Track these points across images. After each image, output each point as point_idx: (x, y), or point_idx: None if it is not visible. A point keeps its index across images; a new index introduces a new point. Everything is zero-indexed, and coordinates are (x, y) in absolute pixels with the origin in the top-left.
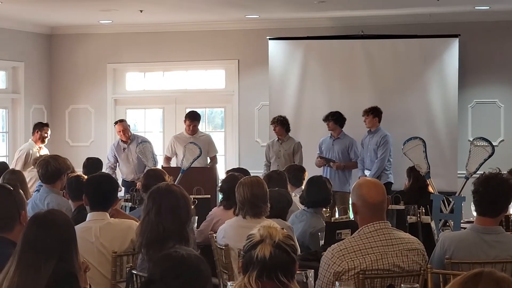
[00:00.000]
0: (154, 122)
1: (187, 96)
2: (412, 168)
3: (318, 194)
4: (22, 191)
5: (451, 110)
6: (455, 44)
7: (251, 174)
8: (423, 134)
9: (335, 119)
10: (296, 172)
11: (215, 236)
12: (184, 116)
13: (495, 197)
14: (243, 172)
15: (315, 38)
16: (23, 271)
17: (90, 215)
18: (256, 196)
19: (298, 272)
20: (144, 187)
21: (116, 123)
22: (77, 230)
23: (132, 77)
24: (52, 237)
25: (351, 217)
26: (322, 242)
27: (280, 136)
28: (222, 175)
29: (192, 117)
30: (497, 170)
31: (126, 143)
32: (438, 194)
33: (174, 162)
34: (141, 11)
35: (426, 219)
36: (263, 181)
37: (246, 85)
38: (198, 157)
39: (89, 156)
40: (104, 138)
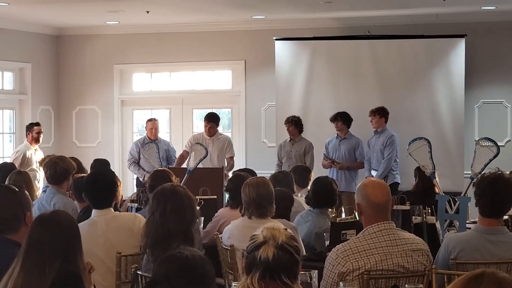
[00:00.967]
0: (161, 122)
1: (193, 97)
2: (418, 168)
3: (324, 195)
4: (28, 192)
5: (457, 110)
6: (461, 44)
7: (257, 174)
8: (430, 134)
9: (344, 119)
10: (302, 172)
11: (221, 237)
12: (192, 116)
13: (499, 198)
14: (249, 173)
15: (321, 39)
16: (28, 272)
17: (94, 212)
18: (261, 196)
19: (302, 272)
20: (150, 187)
21: (150, 120)
22: (83, 225)
23: (139, 78)
24: (56, 238)
25: (357, 217)
26: (327, 243)
27: (292, 137)
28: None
29: (209, 118)
30: (496, 169)
31: (153, 141)
32: (443, 194)
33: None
34: (147, 12)
35: (431, 219)
36: (268, 181)
37: (253, 85)
38: (203, 158)
39: (96, 157)
40: (111, 139)
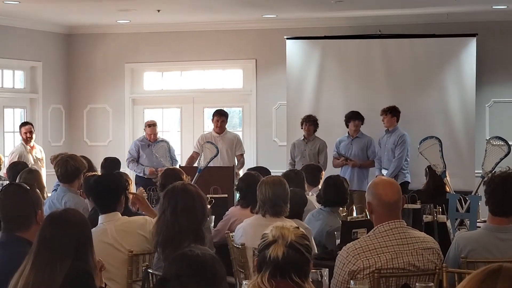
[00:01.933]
0: (172, 121)
1: (204, 96)
2: (429, 167)
3: (335, 194)
4: (38, 191)
5: (468, 110)
6: (472, 44)
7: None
8: (441, 133)
9: (362, 119)
10: (313, 171)
11: (232, 235)
12: (203, 115)
13: (510, 196)
14: (264, 171)
15: (332, 38)
16: (39, 270)
17: (101, 218)
18: (277, 195)
19: (313, 271)
20: (161, 186)
21: (150, 126)
22: (93, 234)
23: (150, 76)
24: (68, 236)
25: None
26: (338, 241)
27: (308, 135)
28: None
29: (219, 112)
30: (508, 168)
31: (152, 141)
32: (454, 193)
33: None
34: (158, 10)
35: (442, 218)
36: (285, 181)
37: (264, 84)
38: (215, 156)
39: (107, 156)
40: (122, 138)
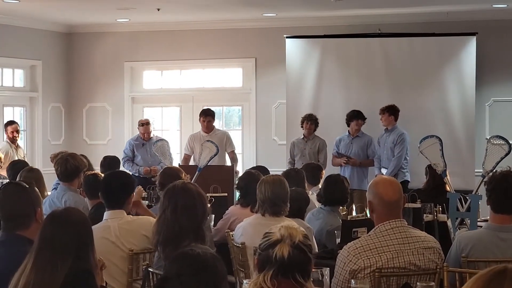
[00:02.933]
0: (171, 120)
1: (204, 95)
2: (429, 166)
3: (335, 193)
4: (38, 189)
5: (468, 109)
6: (472, 42)
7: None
8: (440, 132)
9: (363, 118)
10: (313, 170)
11: (232, 234)
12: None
13: (511, 192)
14: (263, 170)
15: (332, 37)
16: (40, 269)
17: (106, 214)
18: (277, 195)
19: (313, 270)
20: (160, 185)
21: (143, 125)
22: (96, 230)
23: (149, 75)
24: (68, 234)
25: (368, 215)
26: (338, 240)
27: (308, 134)
28: (241, 173)
29: (206, 113)
30: (508, 168)
31: (146, 140)
32: (454, 192)
33: (191, 161)
34: (158, 9)
35: (442, 217)
36: (285, 180)
37: (263, 83)
38: (215, 155)
39: (106, 155)
40: (122, 136)
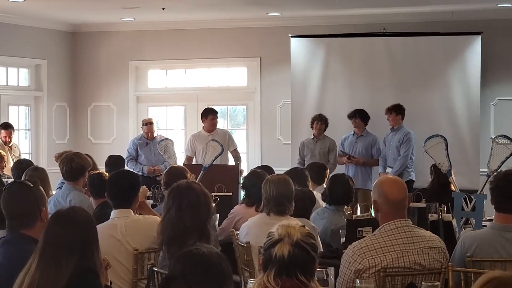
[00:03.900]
0: (176, 119)
1: (209, 94)
2: (434, 165)
3: (340, 192)
4: (43, 188)
5: (473, 108)
6: (477, 42)
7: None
8: (445, 132)
9: (362, 116)
10: (318, 169)
11: (237, 234)
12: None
13: None
14: (268, 169)
15: (337, 36)
16: (45, 268)
17: (113, 213)
18: (281, 194)
19: (318, 269)
20: (166, 184)
21: (146, 124)
22: (103, 227)
23: (154, 74)
24: (73, 234)
25: (373, 214)
26: (343, 240)
27: (318, 134)
28: (245, 173)
29: (213, 111)
30: None
31: (150, 140)
32: (459, 192)
33: (193, 161)
34: (163, 8)
35: (447, 217)
36: (289, 180)
37: (268, 82)
38: (220, 154)
39: (111, 154)
40: (126, 136)
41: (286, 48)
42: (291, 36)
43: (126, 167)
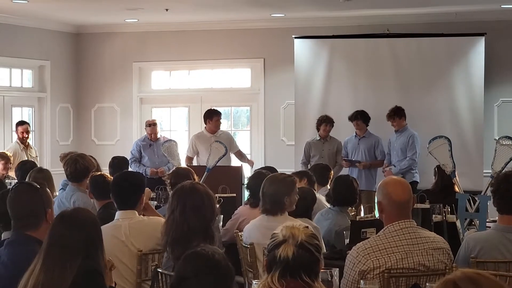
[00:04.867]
0: (179, 120)
1: (212, 95)
2: (438, 166)
3: (345, 193)
4: (48, 190)
5: (477, 109)
6: (481, 43)
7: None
8: (449, 133)
9: (364, 118)
10: (321, 171)
11: (241, 235)
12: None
13: None
14: (271, 170)
15: (340, 37)
16: (49, 269)
17: (118, 214)
18: (275, 191)
19: (322, 270)
20: (172, 185)
21: (149, 125)
22: (107, 228)
23: (158, 75)
24: (78, 235)
25: (377, 215)
26: (347, 241)
27: (325, 136)
28: (248, 173)
29: (219, 112)
30: None
31: (154, 141)
32: (463, 193)
33: (195, 162)
34: (166, 9)
35: (451, 218)
36: (291, 180)
37: (272, 83)
38: (224, 155)
39: (114, 155)
40: (130, 137)
41: (289, 49)
42: (295, 37)
43: (129, 169)
